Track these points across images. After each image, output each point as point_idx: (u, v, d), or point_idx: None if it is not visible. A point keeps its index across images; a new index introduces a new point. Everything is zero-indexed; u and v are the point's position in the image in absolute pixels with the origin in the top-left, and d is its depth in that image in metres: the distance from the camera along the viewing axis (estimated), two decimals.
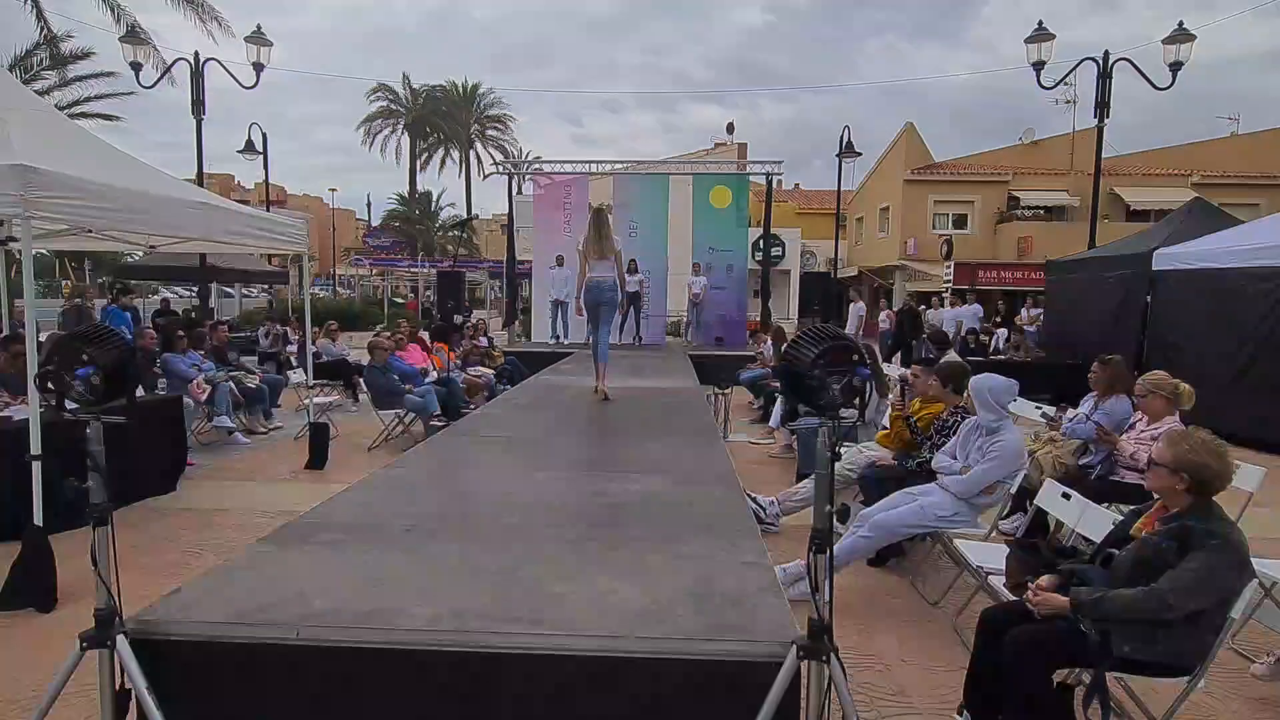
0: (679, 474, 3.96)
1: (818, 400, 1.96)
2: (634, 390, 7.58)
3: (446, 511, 3.21)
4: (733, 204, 15.77)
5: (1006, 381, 4.30)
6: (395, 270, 39.92)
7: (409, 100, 40.89)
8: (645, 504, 3.38)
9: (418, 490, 3.55)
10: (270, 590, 2.34)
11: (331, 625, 2.11)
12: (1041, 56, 13.36)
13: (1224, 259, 9.37)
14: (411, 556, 2.67)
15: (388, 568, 2.56)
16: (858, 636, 3.76)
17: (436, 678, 2.03)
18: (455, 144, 41.79)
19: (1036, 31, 13.37)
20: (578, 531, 2.98)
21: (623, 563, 2.64)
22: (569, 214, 15.81)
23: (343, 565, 2.57)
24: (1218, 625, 2.54)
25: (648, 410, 6.30)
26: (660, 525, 3.07)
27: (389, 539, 2.85)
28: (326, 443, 7.41)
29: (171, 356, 8.18)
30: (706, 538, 2.91)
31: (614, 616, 2.20)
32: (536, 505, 3.33)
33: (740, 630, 2.12)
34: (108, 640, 2.00)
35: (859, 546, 4.19)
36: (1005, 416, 4.29)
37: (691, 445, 4.75)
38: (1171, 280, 10.19)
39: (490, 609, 2.23)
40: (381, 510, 3.21)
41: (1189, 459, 2.65)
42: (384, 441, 8.24)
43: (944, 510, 4.17)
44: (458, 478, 3.84)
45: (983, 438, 4.25)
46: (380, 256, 39.43)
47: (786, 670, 1.92)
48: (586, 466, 4.12)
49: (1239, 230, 10.26)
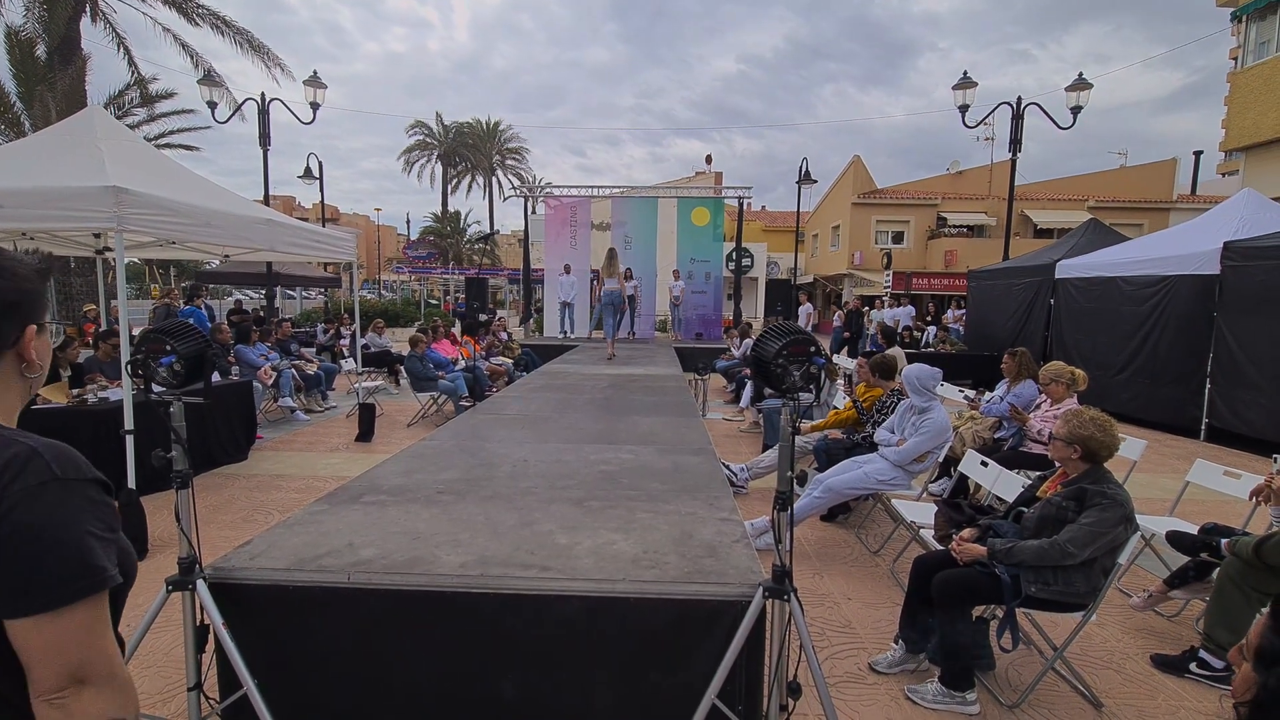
0: (665, 445, 3.95)
1: (780, 385, 1.95)
2: (628, 376, 7.56)
3: (472, 477, 3.20)
4: (710, 222, 15.77)
5: (933, 370, 4.31)
6: (430, 277, 39.66)
7: (441, 135, 40.50)
8: (637, 470, 3.37)
9: (448, 459, 3.53)
10: (325, 542, 2.32)
11: (376, 571, 2.10)
12: (966, 101, 13.34)
13: (1113, 269, 9.40)
14: (443, 514, 2.65)
15: (423, 523, 2.54)
16: (813, 579, 3.78)
17: (463, 614, 2.02)
18: (480, 171, 41.43)
19: (962, 80, 13.35)
20: (581, 493, 2.96)
21: (618, 519, 2.63)
22: (575, 230, 15.74)
23: (386, 521, 2.56)
24: (1107, 569, 2.56)
25: (639, 392, 6.28)
26: (649, 488, 3.06)
27: (424, 500, 2.83)
28: (372, 420, 7.38)
29: (243, 348, 8.12)
30: (688, 498, 2.90)
31: (611, 563, 2.19)
32: (546, 471, 3.32)
33: (716, 574, 2.11)
34: (190, 584, 1.99)
35: (814, 505, 4.20)
36: (934, 398, 4.29)
37: (675, 421, 4.73)
38: (1070, 287, 10.23)
39: (509, 557, 2.22)
40: (418, 476, 3.19)
41: (1080, 433, 2.66)
42: (420, 419, 8.20)
43: (884, 475, 4.18)
44: (481, 449, 3.81)
45: (915, 416, 4.26)
46: (417, 265, 39.14)
47: (754, 607, 1.92)
48: (588, 439, 4.10)
49: (1125, 246, 10.29)
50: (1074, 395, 4.56)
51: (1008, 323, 11.78)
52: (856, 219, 27.32)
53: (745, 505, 4.86)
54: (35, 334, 0.95)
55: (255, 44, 15.84)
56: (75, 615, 0.81)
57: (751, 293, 25.95)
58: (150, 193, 4.52)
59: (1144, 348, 8.68)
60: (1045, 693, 2.71)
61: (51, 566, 0.80)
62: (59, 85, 13.87)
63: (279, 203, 41.62)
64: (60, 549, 0.81)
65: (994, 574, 2.57)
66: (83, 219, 4.29)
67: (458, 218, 42.48)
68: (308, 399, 8.89)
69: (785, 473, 1.96)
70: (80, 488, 0.86)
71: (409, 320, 23.70)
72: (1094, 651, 3.08)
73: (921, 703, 2.61)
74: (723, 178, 31.28)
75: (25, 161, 4.85)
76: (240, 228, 5.64)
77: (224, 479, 5.66)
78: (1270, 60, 12.96)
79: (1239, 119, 13.65)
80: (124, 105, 16.27)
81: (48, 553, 0.81)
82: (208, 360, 2.11)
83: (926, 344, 15.36)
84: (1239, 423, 7.38)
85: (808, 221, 30.76)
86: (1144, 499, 4.50)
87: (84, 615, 0.82)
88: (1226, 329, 7.61)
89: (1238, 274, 7.54)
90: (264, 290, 16.49)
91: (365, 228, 53.02)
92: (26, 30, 14.20)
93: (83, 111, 6.06)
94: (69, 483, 0.84)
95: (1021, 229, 24.56)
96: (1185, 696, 2.74)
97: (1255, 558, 2.74)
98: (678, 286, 15.26)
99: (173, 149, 17.87)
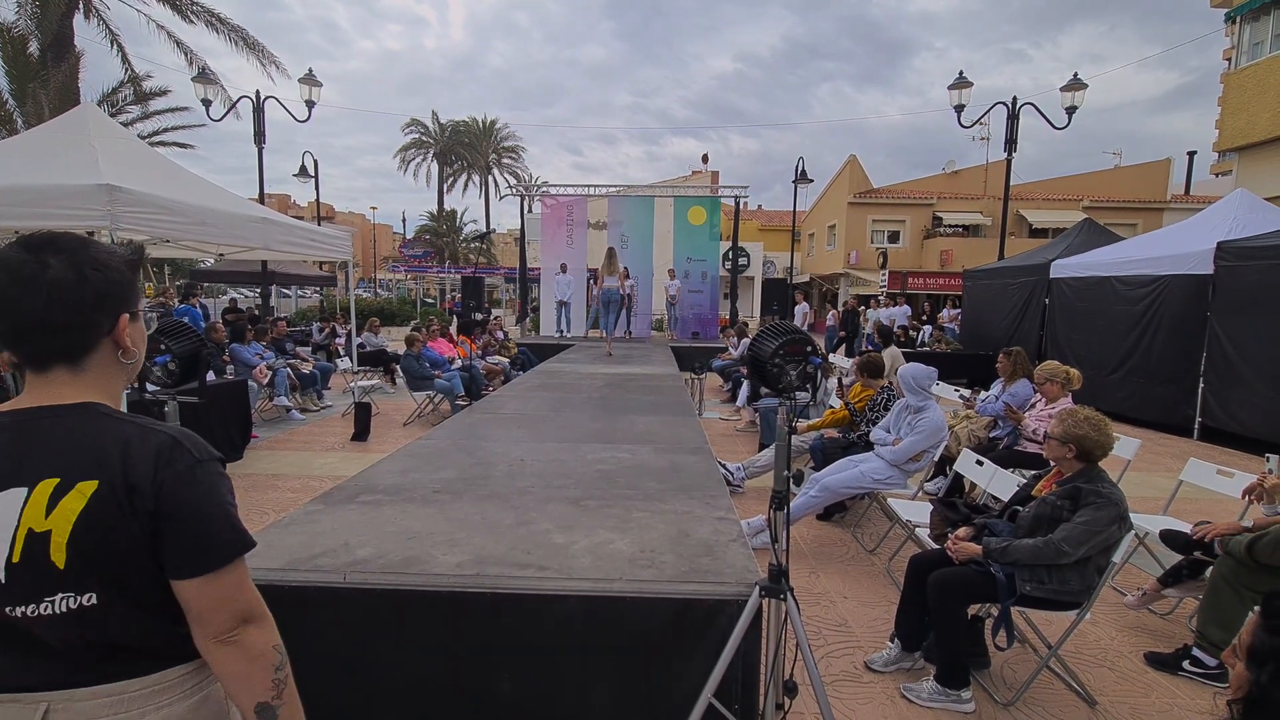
0: (662, 444, 3.95)
1: (777, 384, 1.96)
2: (625, 375, 7.56)
3: (469, 476, 3.19)
4: (707, 222, 15.76)
5: (927, 369, 4.32)
6: (426, 275, 39.58)
7: (437, 133, 40.37)
8: (634, 469, 3.37)
9: (445, 458, 3.53)
10: (320, 542, 2.32)
11: (372, 571, 2.09)
12: (961, 101, 13.38)
13: (1107, 269, 9.44)
14: (439, 513, 2.65)
15: (420, 523, 2.54)
16: (809, 578, 3.78)
17: (460, 614, 2.02)
18: (476, 170, 41.33)
19: (958, 80, 13.37)
20: (577, 492, 2.96)
21: (615, 518, 2.63)
22: (571, 229, 15.73)
23: (382, 521, 2.55)
24: (1101, 568, 2.57)
25: (636, 392, 6.28)
26: (646, 487, 3.06)
27: (421, 499, 2.82)
28: (368, 419, 7.35)
29: (238, 347, 8.08)
30: (684, 497, 2.91)
31: (608, 562, 2.19)
32: (543, 470, 3.32)
33: (713, 573, 2.12)
34: None
35: (810, 504, 4.21)
36: (929, 398, 4.31)
37: (672, 421, 4.74)
38: (1065, 286, 10.26)
39: (505, 557, 2.22)
40: (414, 475, 3.18)
41: (1074, 432, 2.67)
42: (416, 418, 8.18)
43: (879, 474, 4.19)
44: (478, 448, 3.81)
45: (911, 415, 4.27)
46: (413, 264, 39.06)
47: (751, 606, 1.92)
48: (585, 438, 4.10)
49: (1120, 246, 10.33)
50: (1069, 394, 4.57)
51: (1003, 322, 11.82)
52: (852, 218, 27.37)
53: (742, 504, 4.87)
54: (129, 322, 1.01)
55: (250, 41, 15.75)
56: (235, 570, 0.98)
57: (748, 292, 26.00)
58: (144, 191, 4.50)
59: (1138, 347, 8.72)
60: (1040, 691, 2.72)
61: (215, 533, 0.95)
62: (52, 82, 13.77)
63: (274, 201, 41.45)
64: (218, 519, 0.96)
65: (989, 573, 2.57)
66: (76, 217, 4.27)
67: (454, 216, 42.38)
68: (303, 398, 8.86)
69: (781, 472, 1.96)
70: (212, 466, 0.99)
71: (405, 319, 23.65)
72: (1088, 649, 3.09)
73: (917, 701, 2.61)
74: (719, 177, 31.28)
75: (18, 159, 4.82)
76: (235, 226, 5.62)
77: None
78: (1264, 61, 13.03)
79: (1232, 119, 13.72)
80: (118, 103, 16.18)
81: (210, 521, 0.95)
82: (202, 359, 2.10)
83: (922, 343, 15.42)
84: (1232, 422, 7.42)
85: (804, 221, 30.81)
86: (1138, 498, 4.52)
87: (241, 569, 0.99)
88: (1220, 329, 7.65)
89: (1231, 274, 7.59)
90: (259, 289, 16.43)
91: (361, 226, 52.81)
92: (19, 26, 14.10)
93: (76, 109, 6.04)
94: (206, 464, 0.98)
95: (1017, 229, 24.65)
96: (1178, 694, 2.76)
97: (1248, 556, 2.76)
98: (674, 285, 15.25)
99: (167, 147, 17.78)
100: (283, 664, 1.03)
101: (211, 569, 0.95)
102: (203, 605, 0.95)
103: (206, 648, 0.97)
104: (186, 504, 0.94)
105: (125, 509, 0.91)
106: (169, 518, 0.93)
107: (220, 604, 0.96)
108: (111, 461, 0.92)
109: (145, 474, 0.92)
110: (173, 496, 0.93)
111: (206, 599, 0.95)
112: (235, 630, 0.97)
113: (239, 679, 0.98)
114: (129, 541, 0.92)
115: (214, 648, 0.97)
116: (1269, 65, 12.89)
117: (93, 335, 0.98)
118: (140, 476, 0.92)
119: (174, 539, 0.94)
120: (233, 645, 0.97)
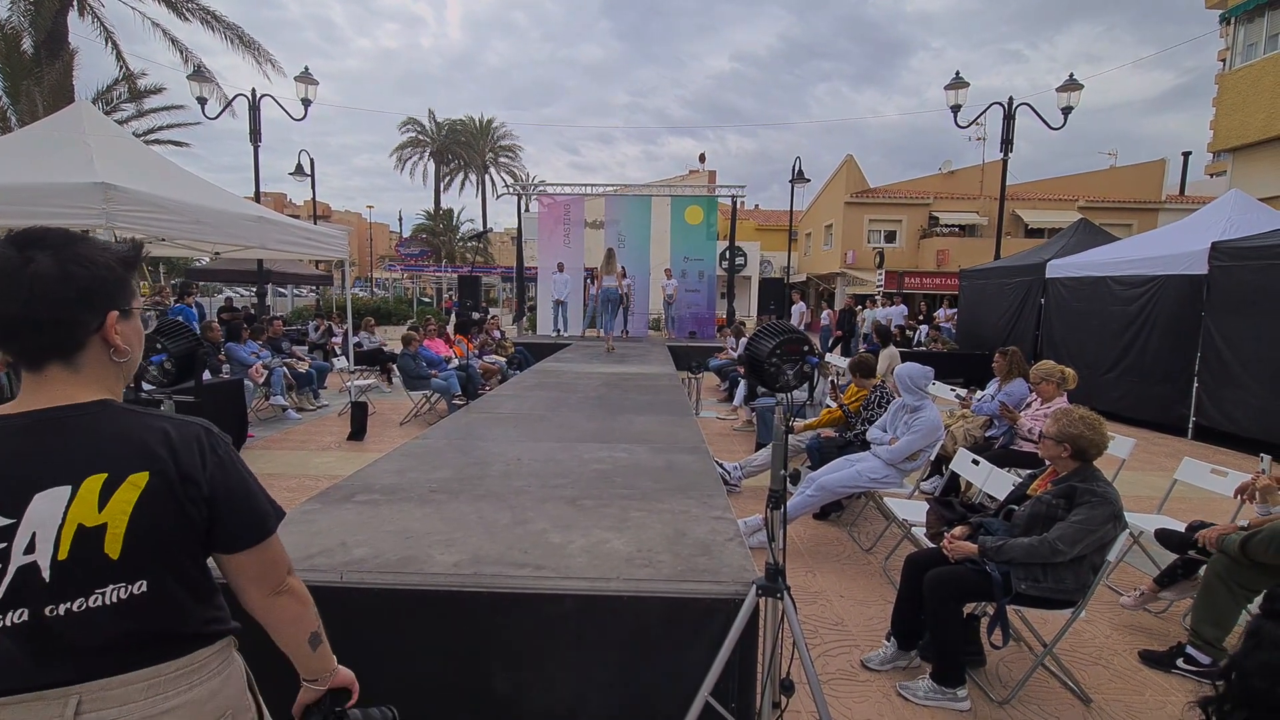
0: (659, 444, 3.95)
1: (774, 383, 1.96)
2: (622, 374, 7.56)
3: (465, 475, 3.19)
4: (704, 221, 15.77)
5: (923, 369, 4.33)
6: (422, 275, 39.50)
7: (434, 132, 40.29)
8: (631, 468, 3.37)
9: (441, 458, 3.52)
10: (317, 541, 2.31)
11: (369, 570, 2.09)
12: (958, 101, 13.40)
13: (1103, 269, 9.47)
14: (436, 513, 2.65)
15: (416, 522, 2.53)
16: (805, 577, 3.79)
17: (457, 613, 2.02)
18: (473, 169, 41.26)
19: (954, 80, 13.40)
20: (574, 491, 2.96)
21: (611, 517, 2.63)
22: (568, 228, 15.72)
23: (378, 520, 2.55)
24: (1096, 566, 2.58)
25: (633, 391, 6.28)
26: (643, 486, 3.06)
27: (417, 498, 2.82)
28: (365, 418, 7.34)
29: (234, 346, 8.06)
30: (681, 496, 2.91)
31: (605, 562, 2.19)
32: (540, 470, 3.32)
33: (710, 572, 2.12)
34: None
35: (807, 503, 4.22)
36: (925, 397, 4.31)
37: (669, 420, 4.74)
38: (1061, 286, 10.29)
39: (502, 556, 2.22)
40: (411, 475, 3.18)
41: (1069, 432, 2.68)
42: (413, 417, 8.17)
43: (876, 474, 4.20)
44: (475, 447, 3.80)
45: (907, 414, 4.28)
46: (410, 263, 38.98)
47: (748, 605, 1.93)
48: (582, 437, 4.10)
49: (1115, 246, 10.37)
50: (1064, 394, 4.59)
51: (999, 322, 11.85)
52: (849, 218, 27.40)
53: (739, 503, 4.87)
54: (118, 319, 1.01)
55: (246, 39, 15.69)
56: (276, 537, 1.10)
57: (745, 291, 26.03)
58: (139, 189, 4.48)
59: (1133, 347, 8.76)
60: (1035, 689, 2.73)
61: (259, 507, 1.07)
62: (46, 80, 13.70)
63: (270, 200, 41.34)
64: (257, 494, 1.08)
65: (985, 571, 2.58)
66: (70, 215, 4.24)
67: (451, 215, 42.30)
68: (299, 397, 8.84)
69: (778, 471, 1.97)
70: (234, 450, 1.07)
71: (401, 318, 23.59)
72: (1083, 648, 3.10)
73: (913, 699, 2.62)
74: (716, 176, 31.32)
75: (12, 157, 4.80)
76: (231, 224, 5.60)
77: None
78: (1258, 62, 13.09)
79: (1227, 120, 13.78)
80: (112, 100, 16.09)
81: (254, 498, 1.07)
82: (198, 359, 2.10)
83: (918, 343, 15.46)
84: (1226, 421, 7.46)
85: (801, 220, 30.83)
86: (1132, 497, 4.53)
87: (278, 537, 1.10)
88: (1214, 328, 7.68)
89: (1225, 274, 7.62)
90: (255, 288, 16.38)
91: (357, 225, 52.68)
92: (12, 23, 14.02)
93: (70, 107, 6.01)
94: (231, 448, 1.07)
95: (1013, 229, 24.72)
96: (1172, 692, 2.77)
97: (1241, 554, 2.77)
98: (670, 285, 15.26)
99: (162, 145, 17.69)
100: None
101: (265, 537, 1.07)
102: (261, 569, 1.08)
103: (265, 604, 1.09)
104: (234, 486, 1.04)
105: (180, 497, 0.97)
106: (223, 501, 1.02)
107: (274, 564, 1.09)
108: (157, 453, 0.97)
109: (194, 464, 0.99)
110: (222, 482, 1.02)
111: (263, 563, 1.07)
112: (286, 580, 1.11)
113: (295, 620, 1.12)
114: (183, 528, 0.98)
115: (272, 601, 1.10)
116: (1263, 66, 12.95)
117: (80, 332, 0.97)
118: (191, 466, 0.99)
119: (231, 518, 1.03)
120: (286, 594, 1.11)
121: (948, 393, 6.82)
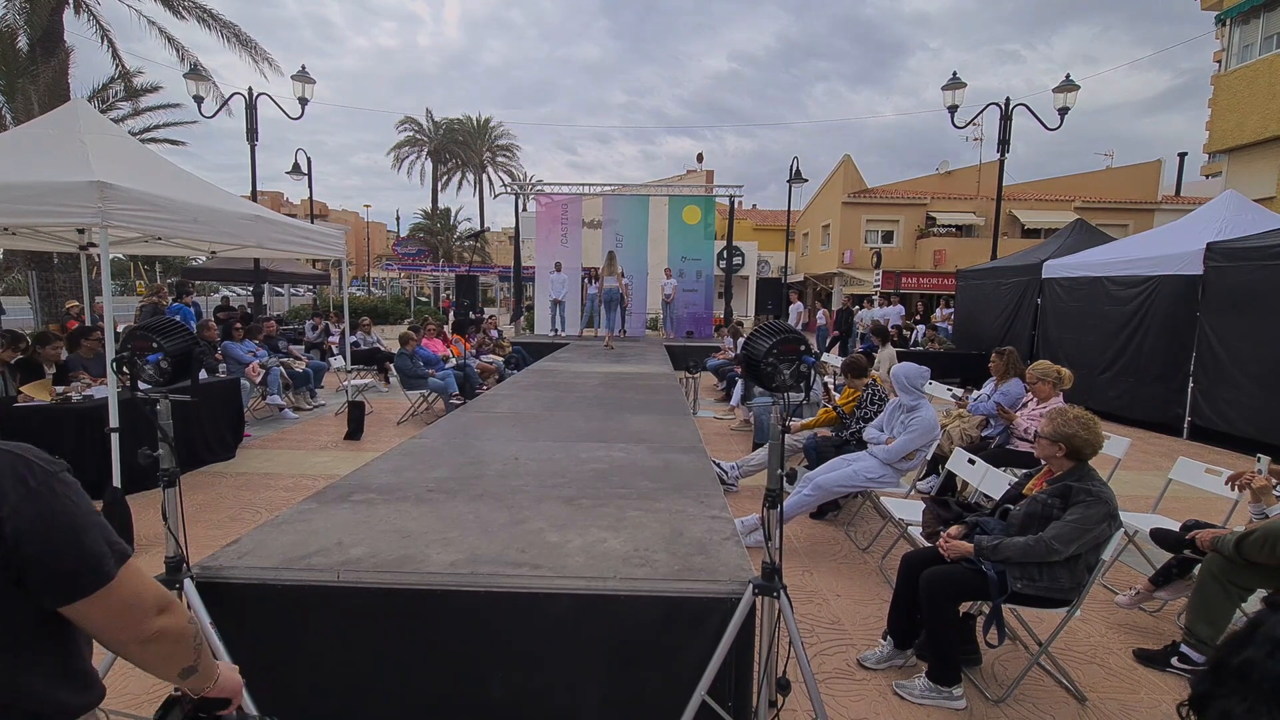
0: (656, 443, 3.95)
1: (771, 383, 1.96)
2: (619, 374, 7.56)
3: (463, 475, 3.19)
4: (702, 221, 15.78)
5: (920, 368, 4.34)
6: (420, 274, 39.44)
7: (431, 131, 40.23)
8: (628, 468, 3.37)
9: (439, 457, 3.52)
10: (314, 541, 2.31)
11: (366, 570, 2.09)
12: (955, 101, 13.43)
13: (1098, 269, 9.50)
14: (433, 512, 2.65)
15: (413, 522, 2.53)
16: (802, 576, 3.80)
17: (453, 612, 2.02)
18: (470, 168, 41.21)
19: (951, 81, 13.43)
20: (571, 491, 2.96)
21: (609, 517, 2.63)
22: (566, 228, 15.71)
23: (375, 520, 2.54)
24: (1091, 565, 2.59)
25: (630, 391, 6.28)
26: (640, 486, 3.06)
27: (414, 498, 2.82)
28: (362, 418, 7.33)
29: (231, 345, 8.04)
30: (678, 496, 2.91)
31: (601, 561, 2.19)
32: (537, 469, 3.32)
33: (706, 572, 2.12)
34: (177, 583, 1.97)
35: (804, 503, 4.22)
36: (921, 397, 4.32)
37: (666, 420, 4.74)
38: (1057, 286, 10.32)
39: (499, 555, 2.22)
40: (408, 474, 3.17)
41: (1065, 431, 2.69)
42: (410, 417, 8.16)
43: (872, 473, 4.21)
44: (472, 447, 3.80)
45: (904, 414, 4.29)
46: (407, 262, 38.92)
47: (744, 604, 1.93)
48: (579, 437, 4.10)
49: (1111, 246, 10.40)
50: (1060, 394, 4.61)
51: (995, 322, 11.88)
52: (846, 218, 27.44)
53: (735, 503, 4.88)
54: None
55: (243, 38, 15.64)
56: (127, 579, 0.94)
57: (742, 291, 26.02)
58: (135, 188, 4.47)
59: (1128, 347, 8.78)
60: (1030, 687, 2.74)
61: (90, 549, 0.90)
62: (41, 78, 13.63)
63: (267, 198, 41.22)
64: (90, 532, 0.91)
65: (981, 570, 2.59)
66: (66, 215, 4.23)
67: (448, 215, 42.24)
68: (296, 396, 8.82)
69: (775, 470, 1.97)
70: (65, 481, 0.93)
71: (399, 317, 23.56)
72: (1078, 647, 3.12)
73: (909, 698, 2.63)
74: (714, 176, 31.34)
75: (7, 156, 4.78)
76: (227, 223, 5.59)
77: (211, 477, 5.61)
78: (1253, 63, 13.13)
79: (1222, 121, 13.83)
80: (108, 99, 16.01)
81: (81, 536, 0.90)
82: (194, 357, 2.09)
83: (915, 343, 15.46)
84: (1221, 421, 7.49)
85: (798, 220, 30.89)
86: (1128, 496, 4.55)
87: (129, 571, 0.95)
88: (1209, 328, 7.71)
89: (1220, 274, 7.65)
90: (251, 287, 16.34)
91: (354, 224, 52.58)
92: (8, 21, 13.96)
93: (66, 105, 5.98)
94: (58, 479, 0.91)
95: (1009, 229, 24.79)
96: (1167, 690, 2.78)
97: (1236, 554, 2.79)
98: (669, 284, 15.27)
99: (158, 143, 17.59)
100: (197, 630, 1.04)
101: (101, 584, 0.89)
102: (108, 618, 0.91)
103: (129, 651, 0.95)
104: (52, 521, 0.85)
105: None
106: (32, 539, 0.83)
107: (128, 610, 0.93)
108: None
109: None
110: (32, 516, 0.83)
111: (111, 612, 0.91)
112: (153, 624, 0.95)
113: (165, 660, 0.99)
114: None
115: (138, 649, 0.95)
116: (1258, 68, 12.99)
117: None
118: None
119: (49, 560, 0.85)
120: (155, 641, 0.96)
121: (944, 392, 6.84)
